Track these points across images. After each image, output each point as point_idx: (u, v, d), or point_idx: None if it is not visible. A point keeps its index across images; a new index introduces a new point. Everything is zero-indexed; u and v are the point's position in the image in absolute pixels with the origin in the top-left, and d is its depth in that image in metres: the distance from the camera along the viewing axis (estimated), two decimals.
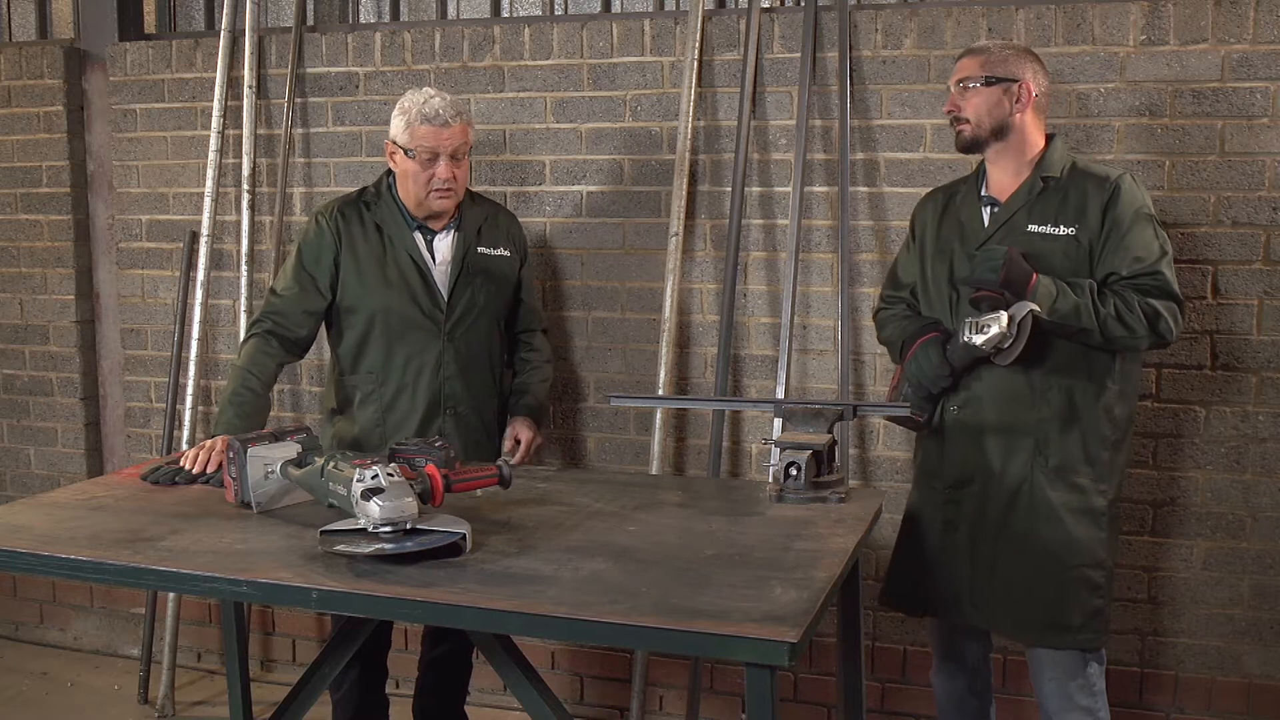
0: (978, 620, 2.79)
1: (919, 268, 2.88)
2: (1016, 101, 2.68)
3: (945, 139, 3.33)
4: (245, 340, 3.05)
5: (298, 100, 3.91)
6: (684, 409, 3.63)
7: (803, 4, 3.43)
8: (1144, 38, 3.16)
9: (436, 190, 2.97)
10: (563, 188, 3.69)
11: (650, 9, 3.84)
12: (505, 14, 3.95)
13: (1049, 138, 2.76)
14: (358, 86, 3.84)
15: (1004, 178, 2.75)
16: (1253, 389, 3.20)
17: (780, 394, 3.41)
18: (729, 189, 3.51)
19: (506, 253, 3.18)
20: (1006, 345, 2.56)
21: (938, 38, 3.31)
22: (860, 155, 3.42)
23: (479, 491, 2.35)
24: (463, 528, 2.05)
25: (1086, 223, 2.63)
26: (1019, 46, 2.78)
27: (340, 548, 2.01)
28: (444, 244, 3.09)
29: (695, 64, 3.48)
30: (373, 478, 2.03)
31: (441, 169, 2.95)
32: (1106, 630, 2.75)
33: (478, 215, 3.15)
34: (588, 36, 3.62)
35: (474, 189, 3.29)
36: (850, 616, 2.58)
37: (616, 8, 3.87)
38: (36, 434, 4.37)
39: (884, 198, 3.41)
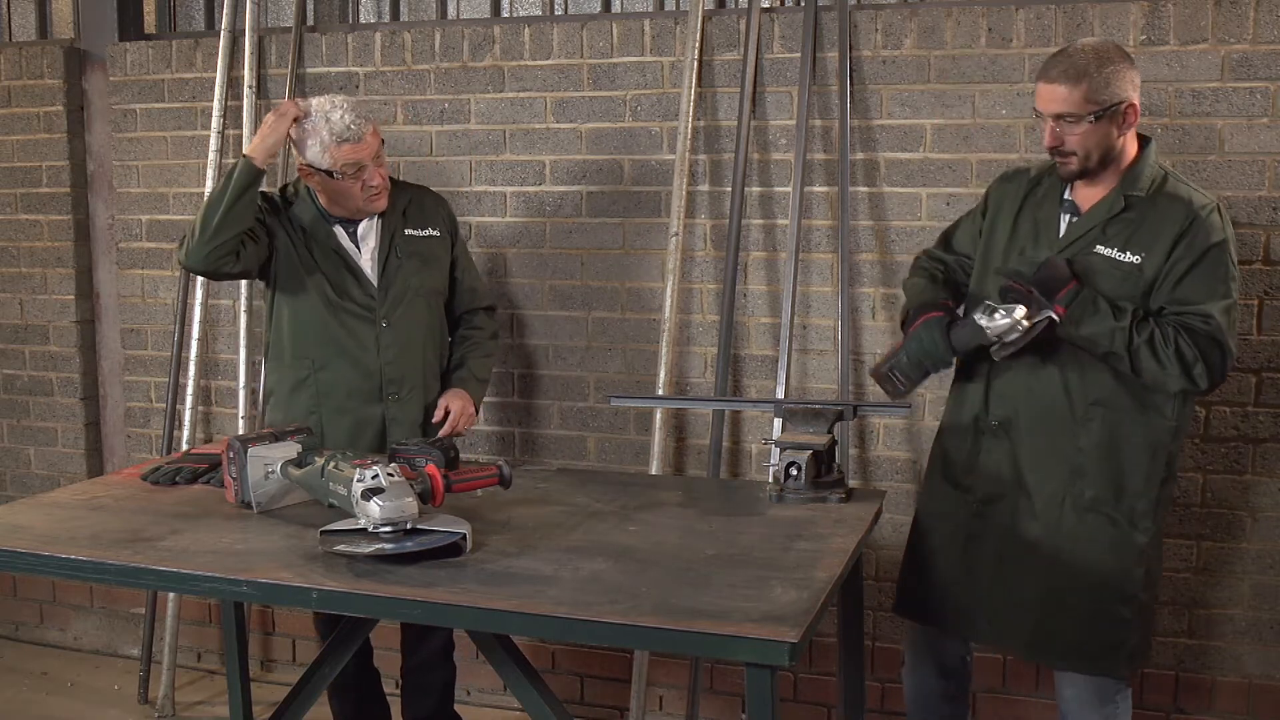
0: (991, 638, 2.73)
1: (983, 250, 2.74)
2: (1124, 123, 2.50)
3: (945, 139, 3.34)
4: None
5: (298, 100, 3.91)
6: (684, 409, 3.63)
7: (803, 4, 3.43)
8: (1144, 38, 3.16)
9: (371, 195, 2.99)
10: (563, 188, 3.69)
11: (650, 9, 3.84)
12: (505, 14, 3.95)
13: (1142, 142, 2.58)
14: (358, 86, 3.84)
15: (1091, 186, 2.58)
16: (1253, 389, 3.20)
17: (780, 394, 3.41)
18: (729, 189, 3.51)
19: (436, 233, 3.17)
20: (1011, 339, 2.50)
21: (938, 38, 3.31)
22: (860, 155, 3.42)
23: (479, 491, 2.35)
24: (463, 528, 2.05)
25: (1154, 252, 2.49)
26: (1109, 51, 2.50)
27: (340, 548, 2.01)
28: (368, 232, 3.08)
29: (695, 64, 3.48)
30: (373, 478, 2.03)
31: (370, 175, 2.96)
32: (1132, 663, 2.65)
33: (400, 199, 3.13)
34: (588, 36, 3.62)
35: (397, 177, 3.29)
36: (850, 616, 2.58)
37: (616, 8, 3.87)
38: (36, 434, 4.36)
39: (884, 198, 3.41)
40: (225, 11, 3.92)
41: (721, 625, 1.74)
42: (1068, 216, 2.62)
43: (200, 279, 3.95)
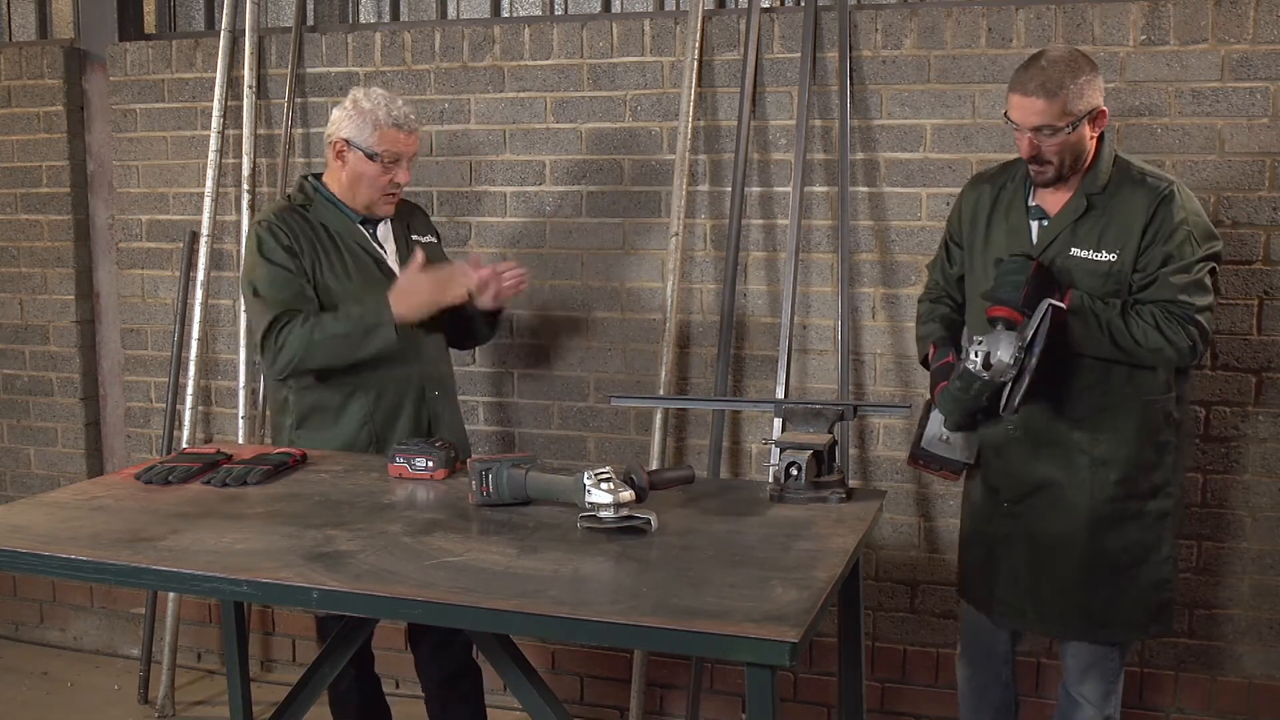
0: (1038, 628, 2.82)
1: (968, 260, 2.77)
2: (1094, 128, 2.57)
3: (945, 139, 3.34)
4: (292, 327, 2.87)
5: (298, 100, 3.91)
6: (684, 409, 3.63)
7: (803, 4, 3.43)
8: (1144, 38, 3.16)
9: (389, 194, 2.97)
10: (563, 188, 3.69)
11: (650, 9, 3.84)
12: (505, 14, 3.95)
13: (1098, 139, 2.63)
14: (358, 86, 3.83)
15: (1055, 190, 2.63)
16: (1253, 389, 3.20)
17: (780, 394, 3.41)
18: (729, 189, 3.51)
19: (434, 239, 3.21)
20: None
21: (938, 38, 3.31)
22: (860, 155, 3.42)
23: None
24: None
25: (1127, 247, 2.55)
26: (1077, 61, 2.54)
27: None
28: (386, 234, 3.08)
29: (695, 64, 3.48)
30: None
31: (401, 173, 2.95)
32: (1165, 623, 2.79)
33: (404, 209, 3.15)
34: (588, 36, 3.62)
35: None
36: (850, 616, 2.58)
37: (616, 8, 3.87)
38: (36, 434, 4.36)
39: (884, 198, 3.41)
40: (225, 11, 3.92)
41: (721, 625, 1.74)
42: (1036, 222, 2.66)
43: (200, 279, 3.95)
